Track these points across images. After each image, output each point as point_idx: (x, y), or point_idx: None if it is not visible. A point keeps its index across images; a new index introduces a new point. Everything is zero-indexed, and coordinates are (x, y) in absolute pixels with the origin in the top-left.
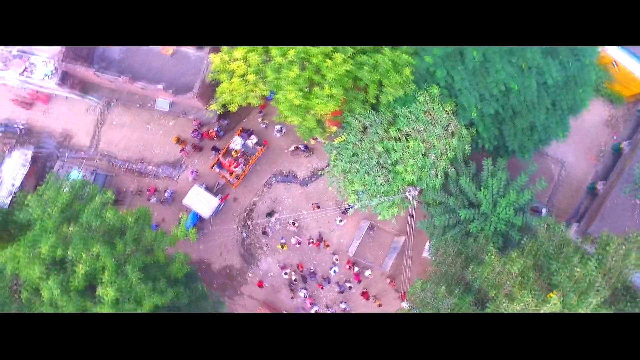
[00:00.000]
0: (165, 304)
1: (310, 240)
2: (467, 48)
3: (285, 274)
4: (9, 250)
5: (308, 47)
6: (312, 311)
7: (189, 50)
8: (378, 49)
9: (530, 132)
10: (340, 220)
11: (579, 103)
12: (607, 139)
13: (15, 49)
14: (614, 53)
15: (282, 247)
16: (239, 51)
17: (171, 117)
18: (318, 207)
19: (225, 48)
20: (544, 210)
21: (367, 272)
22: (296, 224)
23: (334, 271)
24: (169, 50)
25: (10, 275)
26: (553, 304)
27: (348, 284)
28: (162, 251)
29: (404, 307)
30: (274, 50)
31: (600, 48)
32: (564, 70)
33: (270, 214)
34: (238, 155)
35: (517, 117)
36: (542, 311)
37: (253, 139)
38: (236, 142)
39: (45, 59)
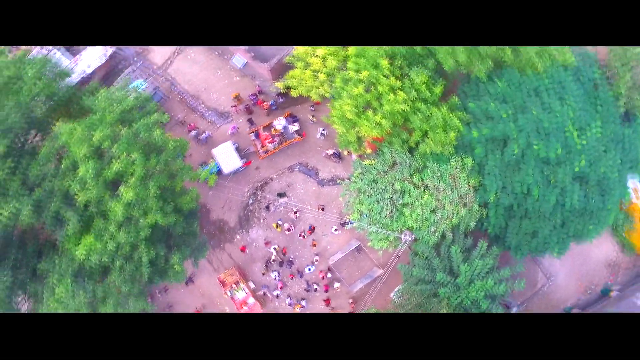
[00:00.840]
0: (163, 225)
1: (302, 234)
2: (512, 140)
3: (274, 248)
4: (70, 124)
5: (380, 75)
6: (275, 293)
7: None
8: (437, 103)
9: (530, 237)
10: (336, 230)
11: (585, 235)
12: (602, 279)
13: None
14: None
15: (276, 227)
16: (322, 50)
17: (239, 74)
18: (323, 209)
19: None
20: (514, 309)
21: (336, 285)
22: (297, 214)
23: (309, 269)
24: None
25: (60, 143)
26: None
27: (316, 286)
28: (182, 181)
29: None
30: (351, 64)
31: (635, 199)
32: (585, 201)
33: (281, 195)
34: (276, 134)
35: (525, 220)
36: None
37: (295, 127)
38: (280, 122)
39: None
